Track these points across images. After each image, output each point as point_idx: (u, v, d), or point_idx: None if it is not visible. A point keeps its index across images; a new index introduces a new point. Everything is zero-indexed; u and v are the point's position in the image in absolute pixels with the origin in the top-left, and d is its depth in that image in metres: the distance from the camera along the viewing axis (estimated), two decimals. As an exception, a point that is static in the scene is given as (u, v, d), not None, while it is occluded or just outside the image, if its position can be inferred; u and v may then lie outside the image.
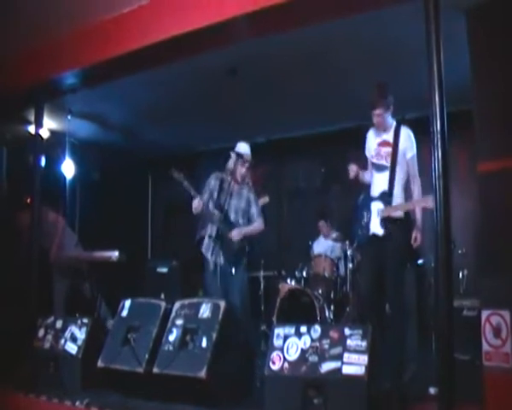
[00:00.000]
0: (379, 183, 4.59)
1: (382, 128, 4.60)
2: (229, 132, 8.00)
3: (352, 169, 4.69)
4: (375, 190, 4.60)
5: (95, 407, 3.94)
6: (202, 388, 3.81)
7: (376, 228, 4.47)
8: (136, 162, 9.17)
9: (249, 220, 5.54)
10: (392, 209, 4.42)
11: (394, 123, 4.61)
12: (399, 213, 4.45)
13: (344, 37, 5.18)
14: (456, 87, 3.68)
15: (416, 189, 4.50)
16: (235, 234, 5.33)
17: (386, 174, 4.54)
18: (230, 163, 5.57)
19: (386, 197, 4.48)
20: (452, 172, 3.60)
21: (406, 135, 4.54)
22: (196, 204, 5.26)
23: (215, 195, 5.46)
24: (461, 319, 4.70)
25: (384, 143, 4.60)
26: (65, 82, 5.51)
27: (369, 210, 4.56)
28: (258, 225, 5.56)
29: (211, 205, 5.42)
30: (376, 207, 4.50)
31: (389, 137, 4.57)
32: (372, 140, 4.73)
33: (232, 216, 5.44)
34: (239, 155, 5.49)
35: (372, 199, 4.58)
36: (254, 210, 5.57)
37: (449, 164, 3.55)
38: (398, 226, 4.42)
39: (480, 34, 4.08)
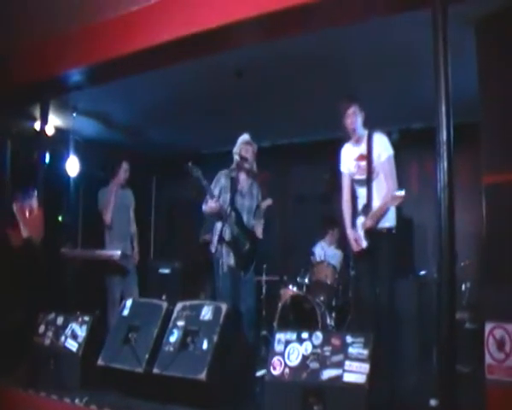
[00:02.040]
0: (362, 197, 4.63)
1: (353, 134, 4.62)
2: (233, 135, 8.02)
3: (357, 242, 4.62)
4: (360, 205, 4.65)
5: (94, 406, 3.92)
6: (202, 390, 3.79)
7: (362, 242, 4.50)
8: (141, 162, 9.15)
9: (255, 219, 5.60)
10: (369, 220, 4.43)
11: (366, 133, 4.62)
12: (388, 223, 4.47)
13: (350, 44, 5.19)
14: (459, 100, 3.67)
15: (387, 188, 4.46)
16: (260, 232, 5.48)
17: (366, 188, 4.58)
18: (236, 158, 5.54)
19: (367, 210, 4.50)
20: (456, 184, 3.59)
21: (379, 140, 4.56)
22: (213, 204, 5.21)
23: (227, 195, 5.35)
24: (462, 332, 4.69)
25: (361, 157, 4.62)
26: (71, 79, 5.54)
27: (355, 225, 4.59)
28: (262, 224, 5.63)
29: (225, 205, 5.30)
30: (360, 221, 4.55)
31: (363, 149, 4.60)
32: (349, 156, 4.75)
33: (245, 217, 5.44)
34: (241, 143, 5.53)
35: (358, 214, 4.62)
36: (261, 210, 5.65)
37: (454, 175, 3.55)
38: (385, 238, 4.45)
39: (489, 46, 4.09)
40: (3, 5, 4.82)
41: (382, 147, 4.53)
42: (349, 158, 4.74)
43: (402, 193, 4.19)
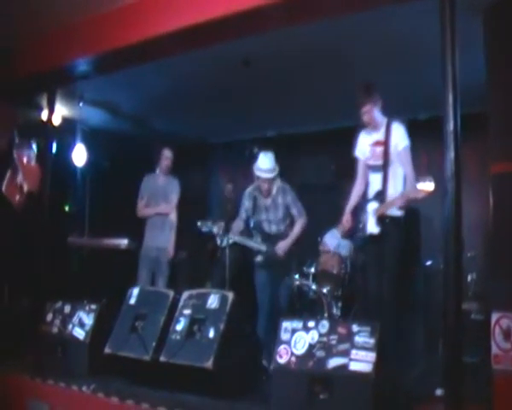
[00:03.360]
0: (375, 183, 4.62)
1: (372, 125, 4.64)
2: (240, 125, 8.02)
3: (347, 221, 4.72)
4: (371, 191, 4.64)
5: (101, 393, 3.96)
6: (208, 378, 3.82)
7: (372, 228, 4.50)
8: (147, 152, 9.15)
9: (292, 222, 5.74)
10: (384, 207, 4.42)
11: (385, 120, 4.62)
12: (396, 212, 4.46)
13: (357, 33, 5.14)
14: (467, 89, 3.65)
15: (408, 180, 4.45)
16: (281, 250, 5.59)
17: (381, 174, 4.57)
18: (256, 181, 5.69)
19: (381, 196, 4.49)
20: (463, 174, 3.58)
21: (397, 130, 4.55)
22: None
23: (250, 214, 5.66)
24: (469, 322, 4.69)
25: (377, 143, 4.62)
26: (78, 69, 5.53)
27: (365, 212, 4.59)
28: (300, 224, 5.74)
29: (251, 224, 5.66)
30: (372, 207, 4.54)
31: (380, 135, 4.59)
32: (364, 142, 4.76)
33: (274, 229, 5.66)
34: (260, 171, 5.59)
35: (368, 200, 4.62)
36: (295, 211, 5.73)
37: (461, 165, 3.53)
38: (394, 224, 4.44)
39: (497, 34, 4.05)
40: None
41: (400, 137, 4.52)
42: (365, 143, 4.75)
43: (430, 185, 4.00)
